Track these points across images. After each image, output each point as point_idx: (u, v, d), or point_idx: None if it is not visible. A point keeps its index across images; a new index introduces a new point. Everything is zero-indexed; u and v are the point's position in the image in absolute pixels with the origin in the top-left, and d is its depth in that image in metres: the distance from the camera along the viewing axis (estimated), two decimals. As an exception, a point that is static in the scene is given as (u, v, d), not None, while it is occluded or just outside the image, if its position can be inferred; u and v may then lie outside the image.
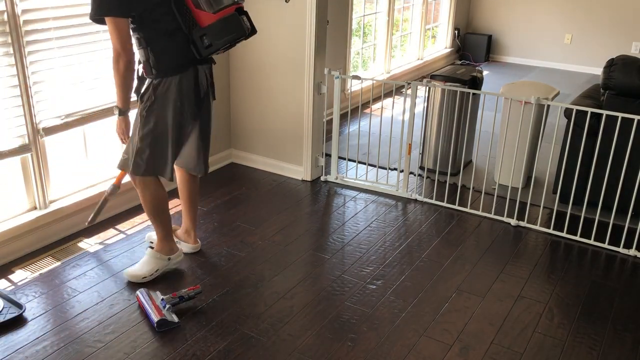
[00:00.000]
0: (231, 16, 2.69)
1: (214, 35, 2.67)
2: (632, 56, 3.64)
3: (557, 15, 7.56)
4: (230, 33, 2.69)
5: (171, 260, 3.05)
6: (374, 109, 5.57)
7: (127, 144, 2.88)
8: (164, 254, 3.02)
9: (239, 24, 2.70)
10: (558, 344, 2.67)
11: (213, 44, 2.69)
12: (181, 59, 2.71)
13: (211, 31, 2.67)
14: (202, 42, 2.68)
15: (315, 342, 2.62)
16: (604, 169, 3.47)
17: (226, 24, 2.67)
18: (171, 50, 2.69)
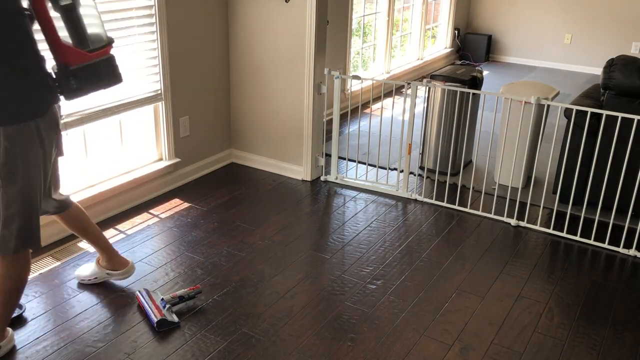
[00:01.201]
0: (108, 59, 2.32)
1: (85, 78, 2.26)
2: (632, 56, 3.64)
3: (557, 15, 7.56)
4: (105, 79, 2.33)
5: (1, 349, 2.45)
6: (374, 109, 5.57)
7: None
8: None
9: (115, 70, 2.34)
10: (558, 344, 2.67)
11: (83, 88, 2.28)
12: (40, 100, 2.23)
13: (83, 73, 2.26)
14: (69, 84, 2.24)
15: (315, 342, 2.62)
16: (604, 169, 3.47)
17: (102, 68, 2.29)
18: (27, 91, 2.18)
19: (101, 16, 2.41)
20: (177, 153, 4.01)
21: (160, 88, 3.78)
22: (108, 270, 2.93)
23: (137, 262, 3.17)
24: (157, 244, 3.36)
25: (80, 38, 2.23)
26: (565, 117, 3.68)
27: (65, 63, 2.24)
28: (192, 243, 3.37)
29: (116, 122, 3.66)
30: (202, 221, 3.61)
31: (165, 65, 3.76)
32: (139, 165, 3.84)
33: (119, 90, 3.49)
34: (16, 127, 2.16)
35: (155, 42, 3.67)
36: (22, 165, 2.22)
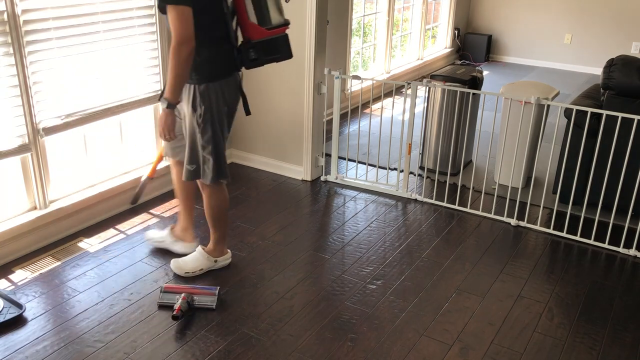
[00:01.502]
0: (282, 37, 2.76)
1: (262, 50, 2.71)
2: (632, 56, 3.64)
3: (557, 15, 7.56)
4: (277, 53, 2.75)
5: (217, 262, 3.12)
6: (374, 109, 5.57)
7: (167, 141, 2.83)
8: (213, 255, 3.10)
9: (287, 46, 2.79)
10: (558, 344, 2.67)
11: (259, 59, 2.73)
12: (226, 66, 2.72)
13: (260, 46, 2.71)
14: (249, 54, 2.71)
15: (315, 342, 2.62)
16: (604, 169, 3.47)
17: (276, 43, 2.73)
18: (218, 57, 2.69)
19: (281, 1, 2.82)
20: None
21: (160, 88, 3.78)
22: (178, 239, 3.26)
23: (137, 262, 3.17)
24: (157, 244, 3.36)
25: (262, 18, 2.68)
26: (565, 117, 3.68)
27: (248, 37, 2.71)
28: (192, 243, 3.37)
29: (116, 122, 3.66)
30: (202, 221, 3.61)
31: (165, 65, 3.76)
32: (139, 165, 3.83)
33: (119, 90, 3.50)
34: (207, 85, 2.67)
35: (155, 42, 3.67)
36: (212, 117, 2.72)
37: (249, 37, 2.70)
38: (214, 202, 2.98)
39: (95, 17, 3.27)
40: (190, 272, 3.07)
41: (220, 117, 2.77)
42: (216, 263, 3.12)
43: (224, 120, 2.79)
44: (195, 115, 2.72)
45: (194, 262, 3.08)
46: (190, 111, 2.73)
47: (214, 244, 3.10)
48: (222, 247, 3.13)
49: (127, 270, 3.10)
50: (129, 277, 3.04)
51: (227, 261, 3.17)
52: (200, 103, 2.69)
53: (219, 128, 2.78)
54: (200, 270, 3.08)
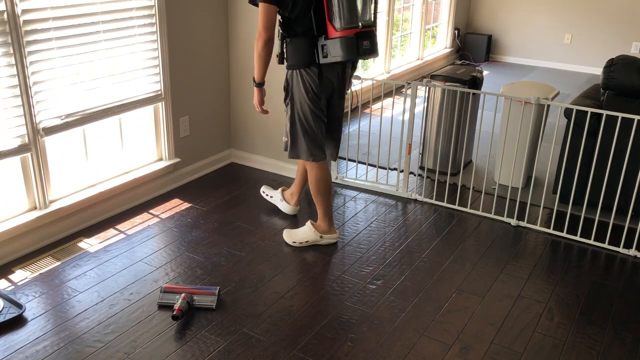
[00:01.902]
0: (348, 38, 2.94)
1: (331, 48, 2.96)
2: (632, 56, 3.64)
3: (557, 15, 7.56)
4: (342, 52, 2.95)
5: (323, 238, 3.37)
6: (374, 109, 5.57)
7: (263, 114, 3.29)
8: (319, 230, 3.36)
9: (352, 48, 2.96)
10: (558, 344, 2.67)
11: (328, 56, 2.98)
12: (304, 57, 3.02)
13: (331, 44, 2.96)
14: (323, 50, 2.99)
15: (315, 342, 2.62)
16: (604, 169, 3.47)
17: (342, 44, 2.94)
18: (297, 49, 3.02)
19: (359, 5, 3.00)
20: (177, 153, 4.01)
21: (160, 88, 3.78)
22: (285, 200, 3.71)
23: (137, 262, 3.17)
24: (157, 244, 3.36)
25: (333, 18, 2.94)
26: (565, 117, 3.68)
27: (325, 35, 2.98)
28: (192, 243, 3.37)
29: (116, 122, 3.66)
30: (202, 221, 3.61)
31: (165, 65, 3.76)
32: (139, 165, 3.84)
33: (119, 90, 3.50)
34: (291, 72, 3.06)
35: (155, 42, 3.67)
36: (293, 100, 3.10)
37: (327, 34, 2.98)
38: (311, 177, 3.28)
39: (95, 17, 3.27)
40: (297, 241, 3.36)
41: (301, 102, 3.08)
42: (321, 239, 3.37)
43: (307, 104, 3.08)
44: (284, 96, 3.15)
45: (303, 234, 3.37)
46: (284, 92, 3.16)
47: (320, 219, 3.37)
48: (327, 224, 3.37)
49: (127, 270, 3.10)
50: (129, 277, 3.05)
51: (333, 240, 3.40)
52: (286, 86, 3.11)
53: (300, 111, 3.11)
54: (307, 242, 3.36)
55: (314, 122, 3.13)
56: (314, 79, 3.05)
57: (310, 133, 3.14)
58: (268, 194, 3.83)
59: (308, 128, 3.13)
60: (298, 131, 3.15)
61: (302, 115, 3.11)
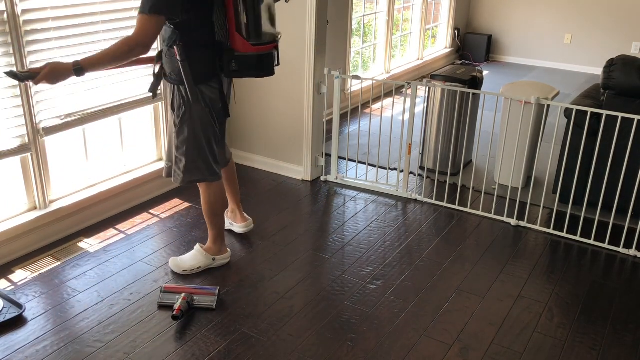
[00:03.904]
0: (267, 55, 2.72)
1: (244, 64, 2.70)
2: (632, 56, 3.64)
3: (557, 15, 7.56)
4: (259, 70, 2.74)
5: (215, 260, 3.14)
6: (374, 109, 5.57)
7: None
8: (210, 253, 3.12)
9: (270, 65, 2.75)
10: (558, 344, 2.67)
11: (240, 71, 2.72)
12: (209, 69, 2.75)
13: (243, 60, 2.69)
14: (230, 65, 2.70)
15: (315, 342, 2.62)
16: (604, 169, 3.46)
17: (260, 60, 2.71)
18: (201, 60, 2.71)
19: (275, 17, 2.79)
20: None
21: (161, 88, 3.78)
22: (231, 221, 3.47)
23: (137, 262, 3.17)
24: (157, 244, 3.36)
25: (252, 33, 2.66)
26: (565, 117, 3.68)
27: (233, 49, 2.69)
28: (192, 243, 3.37)
29: (116, 122, 3.66)
30: (202, 221, 3.61)
31: (165, 65, 3.75)
32: (139, 165, 3.84)
33: (118, 90, 3.50)
34: (186, 88, 2.70)
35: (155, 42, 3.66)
36: (190, 118, 2.77)
37: (235, 48, 2.69)
38: (209, 199, 3.02)
39: (95, 17, 3.27)
40: (188, 269, 3.08)
41: (202, 119, 2.79)
42: (214, 261, 3.13)
43: (208, 121, 2.81)
44: (174, 116, 2.81)
45: (192, 260, 3.10)
46: (170, 111, 2.83)
47: (211, 241, 3.12)
48: (220, 245, 3.14)
49: (127, 270, 3.10)
50: (129, 277, 3.05)
51: (226, 260, 3.18)
52: (179, 104, 2.77)
53: (201, 129, 2.80)
54: (199, 268, 3.09)
55: (214, 138, 2.88)
56: (215, 93, 2.79)
57: (210, 151, 2.87)
58: None
59: (208, 146, 2.85)
60: (198, 151, 2.83)
61: (202, 134, 2.81)
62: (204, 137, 2.83)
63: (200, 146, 2.84)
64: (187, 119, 2.78)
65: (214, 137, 2.89)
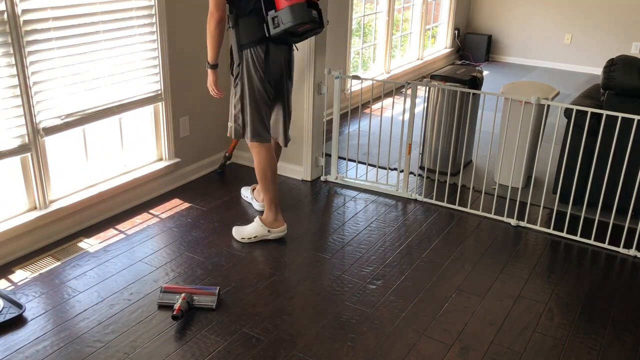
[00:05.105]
0: (299, 4, 3.02)
1: (282, 17, 3.00)
2: (632, 56, 3.64)
3: (557, 15, 7.56)
4: (296, 18, 3.00)
5: (271, 233, 3.37)
6: (374, 109, 5.57)
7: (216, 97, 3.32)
8: (266, 224, 3.36)
9: (304, 12, 3.02)
10: (558, 344, 2.67)
11: (280, 25, 3.01)
12: (254, 35, 3.06)
13: (282, 14, 3.00)
14: (273, 22, 3.02)
15: (315, 342, 2.62)
16: (604, 169, 3.47)
17: (294, 9, 2.99)
18: (248, 27, 3.05)
19: None
20: (177, 153, 4.01)
21: (160, 88, 3.78)
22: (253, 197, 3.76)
23: (137, 262, 3.17)
24: (157, 244, 3.36)
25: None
26: (565, 117, 3.68)
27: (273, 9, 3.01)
28: (192, 243, 3.37)
29: (116, 122, 3.66)
30: (202, 221, 3.61)
31: (165, 65, 3.76)
32: (139, 165, 3.84)
33: (119, 90, 3.50)
34: (240, 52, 3.08)
35: (155, 42, 3.67)
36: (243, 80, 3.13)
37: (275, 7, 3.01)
38: (257, 161, 3.29)
39: (95, 17, 3.27)
40: (245, 237, 3.36)
41: (252, 82, 3.11)
42: (269, 233, 3.36)
43: (255, 84, 3.12)
44: (232, 78, 3.18)
45: (251, 229, 3.37)
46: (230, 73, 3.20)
47: (266, 209, 3.36)
48: (274, 215, 3.36)
49: (127, 270, 3.11)
50: (129, 277, 3.05)
51: (281, 233, 3.40)
52: (234, 66, 3.14)
53: (249, 90, 3.13)
54: (255, 237, 3.35)
55: (261, 101, 3.17)
56: (262, 56, 3.09)
57: (257, 113, 3.18)
58: (244, 195, 3.89)
59: (256, 108, 3.17)
60: (247, 112, 3.18)
61: (251, 95, 3.14)
62: (253, 99, 3.15)
63: (250, 107, 3.16)
64: (240, 80, 3.13)
65: (263, 101, 3.18)
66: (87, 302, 2.84)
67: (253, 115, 3.18)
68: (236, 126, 3.25)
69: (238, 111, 3.21)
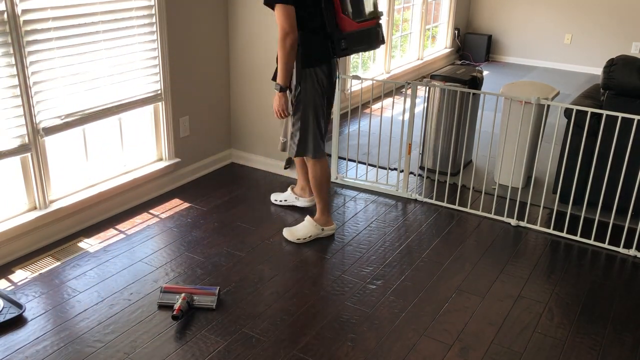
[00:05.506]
0: (370, 30, 3.09)
1: (351, 41, 3.05)
2: (632, 56, 3.64)
3: (557, 15, 7.56)
4: (365, 44, 3.09)
5: (324, 230, 3.44)
6: (374, 109, 5.57)
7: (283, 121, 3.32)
8: (320, 224, 3.42)
9: (374, 38, 3.10)
10: (558, 344, 2.67)
11: (349, 48, 3.07)
12: (320, 54, 3.07)
13: (350, 38, 3.05)
14: (340, 44, 3.05)
15: (315, 342, 2.62)
16: (604, 169, 3.47)
17: (364, 36, 3.06)
18: (314, 46, 3.04)
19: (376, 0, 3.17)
20: (177, 153, 4.01)
21: (160, 88, 3.78)
22: (299, 196, 3.76)
23: (137, 262, 3.17)
24: (157, 244, 3.36)
25: (356, 11, 3.02)
26: (565, 117, 3.68)
27: (340, 29, 3.05)
28: (192, 243, 3.37)
29: (116, 122, 3.66)
30: (202, 221, 3.61)
31: (165, 65, 3.76)
32: (139, 165, 3.84)
33: (119, 90, 3.51)
34: (304, 70, 3.05)
35: (155, 42, 3.67)
36: (305, 97, 3.10)
37: (342, 28, 3.05)
38: (312, 173, 3.33)
39: (95, 17, 3.27)
40: (301, 238, 3.39)
41: (314, 99, 3.12)
42: (323, 231, 3.43)
43: (317, 101, 3.14)
44: (291, 96, 3.12)
45: (304, 229, 3.41)
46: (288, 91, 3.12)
47: (319, 213, 3.43)
48: (327, 217, 3.45)
49: (127, 270, 3.11)
50: (129, 277, 3.05)
51: (332, 231, 3.48)
52: (296, 85, 3.08)
53: (312, 109, 3.14)
54: (310, 237, 3.39)
55: (323, 119, 3.20)
56: (326, 75, 3.10)
57: (319, 131, 3.21)
58: (280, 199, 3.84)
59: (317, 126, 3.19)
60: (309, 130, 3.18)
61: (314, 114, 3.15)
62: (315, 117, 3.16)
63: (312, 125, 3.17)
64: (302, 98, 3.10)
65: (323, 117, 3.21)
66: (87, 302, 2.84)
67: (315, 133, 3.20)
68: (291, 143, 3.26)
69: (297, 129, 3.19)
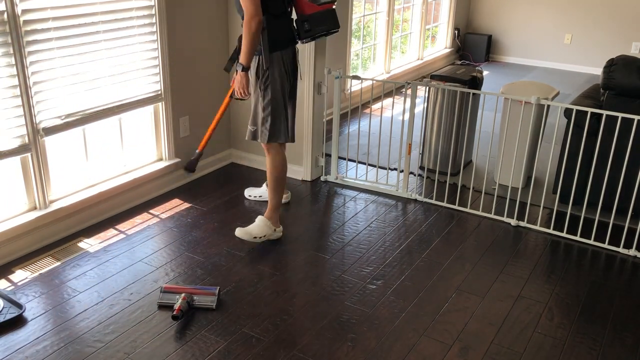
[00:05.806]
0: (331, 11, 3.20)
1: (314, 23, 3.13)
2: (632, 56, 3.64)
3: (557, 15, 7.56)
4: (326, 24, 3.18)
5: (275, 232, 3.38)
6: (374, 109, 5.57)
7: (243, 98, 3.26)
8: (272, 223, 3.36)
9: (335, 18, 3.23)
10: (558, 344, 2.67)
11: (312, 29, 3.14)
12: (286, 37, 3.13)
13: (313, 19, 3.13)
14: (303, 26, 3.13)
15: (315, 342, 2.62)
16: (604, 169, 3.47)
17: (325, 17, 3.16)
18: (279, 29, 3.09)
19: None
20: (177, 153, 4.01)
21: (160, 88, 3.78)
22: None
23: (137, 262, 3.17)
24: (157, 244, 3.36)
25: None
26: (565, 117, 3.68)
27: (301, 12, 3.15)
28: (192, 243, 3.37)
29: (116, 122, 3.66)
30: (202, 221, 3.61)
31: (165, 65, 3.76)
32: (139, 165, 3.84)
33: (119, 90, 3.51)
34: (269, 55, 3.07)
35: (155, 42, 3.67)
36: (272, 83, 3.13)
37: (302, 12, 3.13)
38: (276, 162, 3.32)
39: (95, 18, 3.27)
40: (257, 237, 3.31)
41: (283, 84, 3.15)
42: (274, 232, 3.38)
43: (285, 86, 3.17)
44: (259, 82, 3.14)
45: (259, 229, 3.32)
46: (254, 78, 3.15)
47: (272, 209, 3.37)
48: (277, 215, 3.40)
49: (127, 270, 3.11)
50: (129, 277, 3.05)
51: (279, 234, 3.42)
52: (265, 70, 3.10)
53: (280, 93, 3.17)
54: (264, 236, 3.33)
55: (289, 102, 3.24)
56: (291, 59, 3.16)
57: (285, 114, 3.24)
58: (255, 195, 3.87)
59: (284, 109, 3.22)
60: (277, 114, 3.20)
61: (281, 97, 3.18)
62: (282, 101, 3.19)
63: (280, 109, 3.20)
64: (270, 83, 3.12)
65: (289, 102, 3.25)
66: (87, 302, 2.84)
67: (281, 117, 3.22)
68: (263, 129, 3.23)
69: (267, 114, 3.19)
